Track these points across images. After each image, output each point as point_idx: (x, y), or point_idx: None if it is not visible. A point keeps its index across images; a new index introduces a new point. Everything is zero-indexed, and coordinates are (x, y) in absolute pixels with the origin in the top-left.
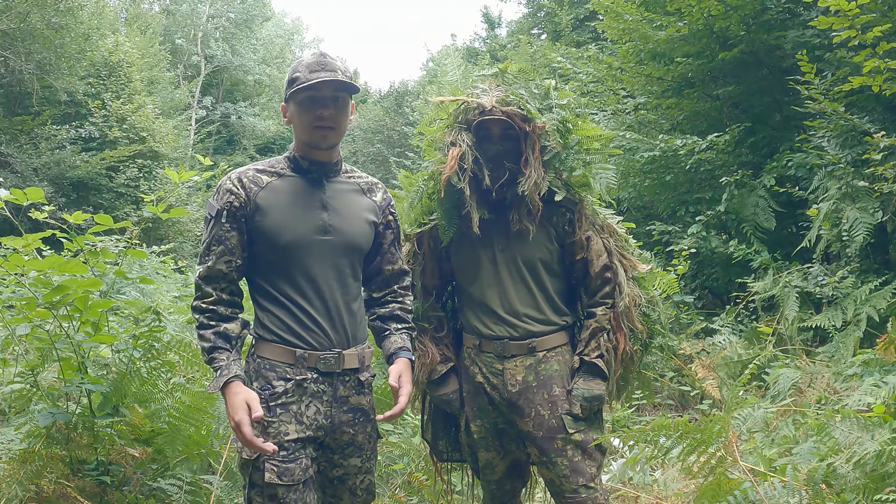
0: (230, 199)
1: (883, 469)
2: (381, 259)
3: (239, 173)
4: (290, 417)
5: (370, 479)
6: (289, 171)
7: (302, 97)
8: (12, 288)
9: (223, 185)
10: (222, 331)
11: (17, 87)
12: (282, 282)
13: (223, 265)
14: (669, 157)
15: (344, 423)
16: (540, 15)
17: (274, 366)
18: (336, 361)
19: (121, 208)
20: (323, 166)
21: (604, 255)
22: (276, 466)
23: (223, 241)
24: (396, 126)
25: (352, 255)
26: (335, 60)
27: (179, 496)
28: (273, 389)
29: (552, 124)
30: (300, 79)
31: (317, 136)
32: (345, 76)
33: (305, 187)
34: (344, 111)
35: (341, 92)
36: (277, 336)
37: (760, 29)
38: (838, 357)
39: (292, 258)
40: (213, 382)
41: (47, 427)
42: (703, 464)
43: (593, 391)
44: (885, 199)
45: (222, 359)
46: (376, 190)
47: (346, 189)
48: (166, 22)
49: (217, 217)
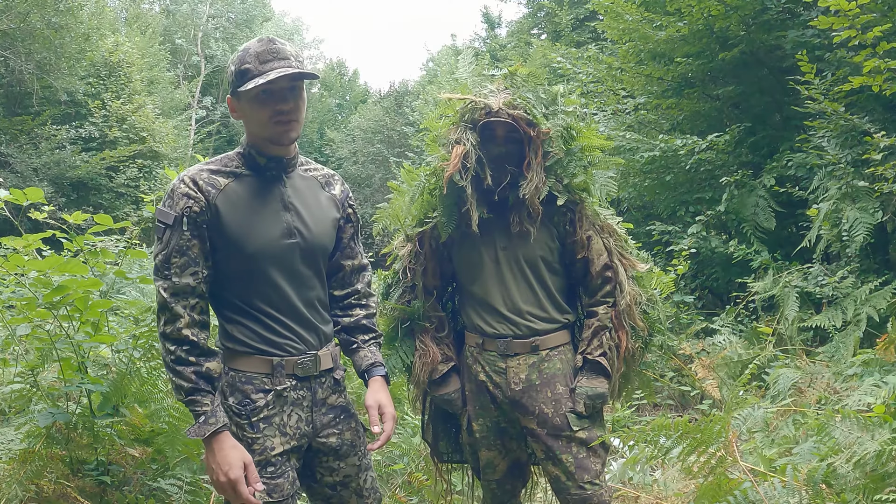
0: (189, 203)
1: (883, 469)
2: (341, 254)
3: (192, 175)
4: (273, 431)
5: (372, 476)
6: (244, 170)
7: (256, 92)
8: (12, 288)
9: (177, 188)
10: (204, 371)
11: (17, 87)
12: (249, 291)
13: (189, 278)
14: (669, 157)
15: (326, 425)
16: (540, 15)
17: (251, 378)
18: (313, 364)
19: (121, 208)
20: (280, 161)
21: (604, 255)
22: (265, 484)
23: (185, 252)
24: (396, 126)
25: (317, 255)
26: (285, 46)
27: (179, 496)
28: (254, 404)
29: (556, 130)
30: (251, 71)
31: (278, 132)
32: (298, 62)
33: (264, 187)
34: (302, 100)
35: (298, 81)
36: (251, 347)
37: (760, 29)
38: (838, 357)
39: (259, 266)
40: (195, 428)
41: (47, 427)
42: (703, 464)
43: (596, 389)
44: (885, 199)
45: (206, 403)
46: (334, 182)
47: (306, 185)
48: (166, 22)
49: (175, 225)
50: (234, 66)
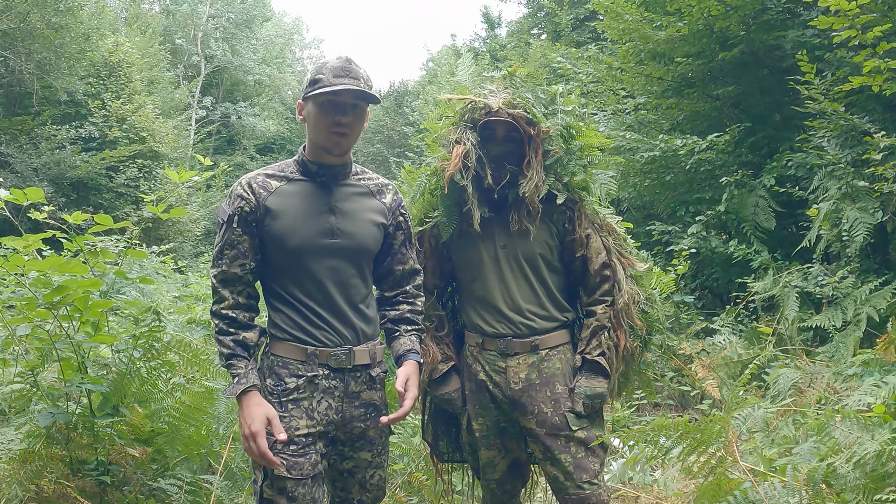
0: (241, 204)
1: (883, 469)
2: (392, 259)
3: (249, 178)
4: (300, 413)
5: (381, 475)
6: (298, 175)
7: (322, 100)
8: (12, 288)
9: (234, 190)
10: (241, 339)
11: (17, 87)
12: (291, 284)
13: (237, 269)
14: (669, 157)
15: (355, 417)
16: (540, 15)
17: (286, 363)
18: (347, 358)
19: (121, 208)
20: (332, 170)
21: (603, 253)
22: (285, 460)
23: (235, 246)
24: (396, 126)
25: (359, 257)
26: (359, 68)
27: (179, 496)
28: (285, 386)
29: (556, 129)
30: (323, 81)
31: (331, 141)
32: (367, 85)
33: (314, 191)
34: (361, 119)
35: (361, 101)
36: (289, 334)
37: (760, 29)
38: (838, 357)
39: (300, 261)
40: (230, 388)
41: (47, 427)
42: (703, 464)
43: (595, 389)
44: (885, 199)
45: (240, 366)
46: (386, 191)
47: (355, 192)
48: (166, 22)
49: (229, 222)
50: (310, 74)
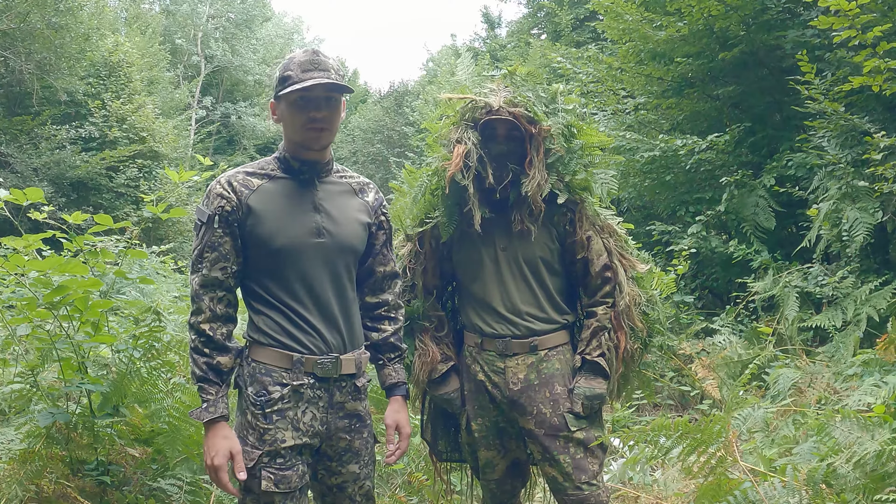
0: (221, 203)
1: (883, 469)
2: (374, 260)
3: (228, 177)
4: (286, 424)
5: (369, 485)
6: (279, 173)
7: (294, 97)
8: (12, 288)
9: (213, 189)
10: (214, 364)
11: (17, 87)
12: (276, 286)
13: (218, 272)
14: (669, 157)
15: (340, 429)
16: (540, 15)
17: (270, 370)
18: (333, 366)
19: (121, 208)
20: (314, 166)
21: (604, 255)
22: (272, 474)
23: (216, 248)
24: (396, 126)
25: (346, 257)
26: (328, 59)
27: (179, 496)
28: (269, 396)
29: (557, 128)
30: (292, 78)
31: (310, 137)
32: (338, 75)
33: (297, 189)
34: (337, 111)
35: (334, 92)
36: (274, 340)
37: (760, 29)
38: (838, 357)
39: (286, 262)
40: (198, 411)
41: (47, 427)
42: (703, 464)
43: (595, 390)
44: (885, 199)
45: (211, 392)
46: (368, 190)
47: (338, 190)
48: (166, 22)
49: (209, 223)
50: (278, 72)
